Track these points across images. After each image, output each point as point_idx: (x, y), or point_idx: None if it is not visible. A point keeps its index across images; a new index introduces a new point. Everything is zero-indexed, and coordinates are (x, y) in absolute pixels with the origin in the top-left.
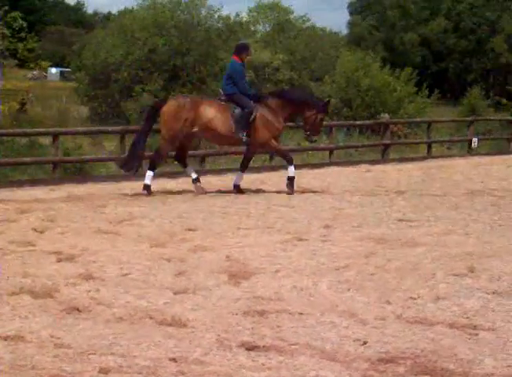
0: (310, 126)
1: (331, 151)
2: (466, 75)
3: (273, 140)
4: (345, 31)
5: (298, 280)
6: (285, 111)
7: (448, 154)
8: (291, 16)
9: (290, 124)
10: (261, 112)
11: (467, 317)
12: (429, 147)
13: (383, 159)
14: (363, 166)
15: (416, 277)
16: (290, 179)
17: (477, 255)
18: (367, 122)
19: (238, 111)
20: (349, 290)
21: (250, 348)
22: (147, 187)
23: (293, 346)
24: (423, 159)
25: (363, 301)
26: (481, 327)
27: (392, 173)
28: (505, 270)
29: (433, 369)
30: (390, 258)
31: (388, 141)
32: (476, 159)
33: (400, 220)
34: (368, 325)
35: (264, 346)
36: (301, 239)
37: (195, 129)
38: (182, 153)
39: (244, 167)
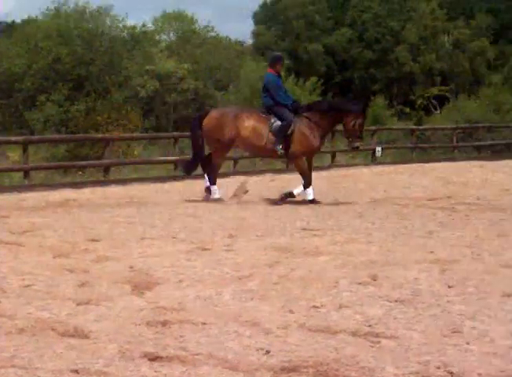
0: (350, 133)
1: (235, 161)
2: (371, 85)
3: (303, 158)
4: (250, 40)
5: (201, 289)
6: (324, 125)
7: (352, 163)
8: (196, 26)
9: None
10: (299, 126)
11: (370, 325)
12: (333, 156)
13: (288, 168)
14: (268, 176)
15: (319, 286)
16: (312, 201)
17: (380, 263)
18: None
19: (276, 123)
20: (252, 299)
21: (153, 358)
22: (217, 199)
23: (196, 356)
24: (327, 168)
25: (267, 311)
26: (383, 335)
27: (295, 182)
28: (407, 278)
29: None
30: (294, 267)
31: None
32: (379, 168)
33: (304, 229)
34: (271, 334)
35: (167, 357)
36: (205, 249)
37: (235, 140)
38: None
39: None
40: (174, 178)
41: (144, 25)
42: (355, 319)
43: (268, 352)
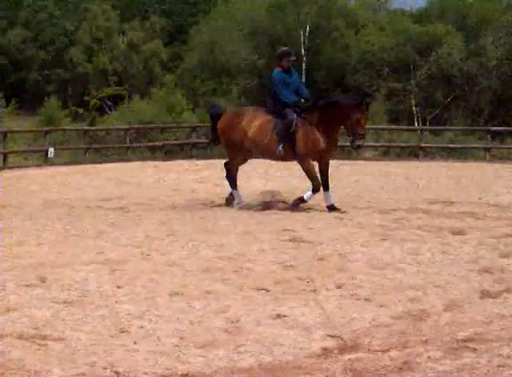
0: (350, 130)
1: None
2: (46, 86)
3: (308, 160)
4: None
5: None
6: (324, 123)
7: (25, 164)
8: None
9: None
10: (301, 126)
11: (37, 328)
12: (6, 157)
13: None
14: None
15: None
16: (330, 208)
17: (50, 265)
18: None
19: (279, 122)
20: None
21: None
22: (241, 204)
23: None
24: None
25: None
26: (51, 337)
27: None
28: (76, 279)
29: None
30: None
31: None
32: (52, 169)
33: None
34: None
35: None
36: None
37: (244, 141)
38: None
39: (325, 185)
40: None
41: None
42: (22, 322)
43: None
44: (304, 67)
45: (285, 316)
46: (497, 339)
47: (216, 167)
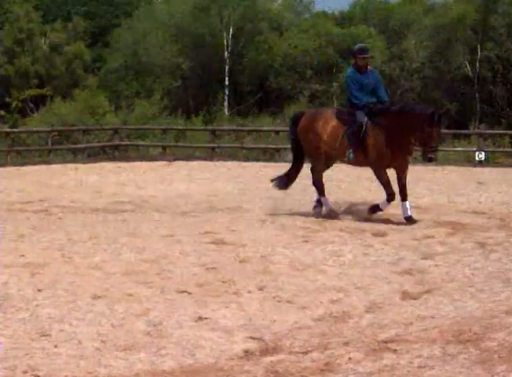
0: (421, 141)
1: None
2: None
3: (381, 168)
4: None
5: None
6: (394, 131)
7: None
8: None
9: None
10: (373, 131)
11: None
12: None
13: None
14: None
15: None
16: (408, 219)
17: None
18: None
19: (351, 125)
20: None
21: None
22: (331, 211)
23: None
24: None
25: None
26: None
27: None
28: None
29: None
30: None
31: None
32: None
33: None
34: None
35: None
36: None
37: (320, 144)
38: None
39: (402, 195)
40: None
41: None
42: None
43: None
44: (227, 69)
45: (207, 318)
46: (417, 340)
47: (138, 170)
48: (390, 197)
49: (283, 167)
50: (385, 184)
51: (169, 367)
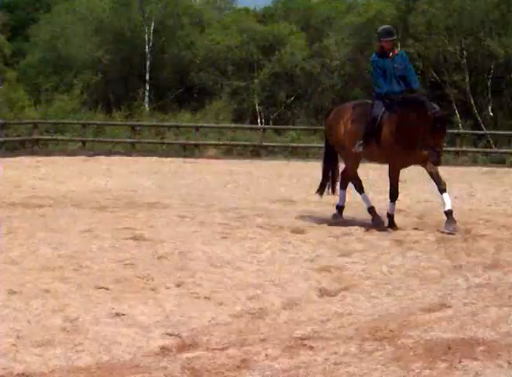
0: (423, 141)
1: None
2: None
3: (395, 165)
4: None
5: None
6: (405, 125)
7: None
8: None
9: None
10: (391, 121)
11: None
12: None
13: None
14: None
15: None
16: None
17: None
18: None
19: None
20: None
21: None
22: (371, 209)
23: None
24: None
25: None
26: None
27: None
28: None
29: None
30: None
31: None
32: None
33: None
34: None
35: None
36: None
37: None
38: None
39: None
40: None
41: None
42: None
43: None
44: (148, 64)
45: (124, 314)
46: (334, 337)
47: (57, 164)
48: (394, 197)
49: (202, 163)
50: (393, 183)
51: (85, 363)
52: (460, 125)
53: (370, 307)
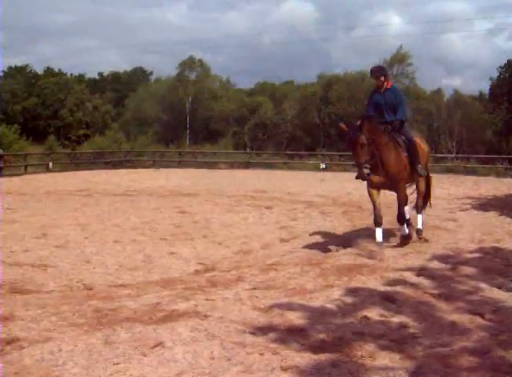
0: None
1: None
2: None
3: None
4: None
5: None
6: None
7: None
8: None
9: None
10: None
11: None
12: None
13: None
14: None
15: None
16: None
17: None
18: None
19: None
20: None
21: None
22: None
23: None
24: None
25: None
26: None
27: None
28: None
29: None
30: None
31: None
32: None
33: None
34: None
35: None
36: None
37: None
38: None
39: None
40: None
41: None
42: None
43: None
44: (188, 119)
45: (175, 253)
46: (288, 264)
47: (139, 173)
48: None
49: (216, 172)
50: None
51: (155, 279)
52: None
53: (308, 249)
